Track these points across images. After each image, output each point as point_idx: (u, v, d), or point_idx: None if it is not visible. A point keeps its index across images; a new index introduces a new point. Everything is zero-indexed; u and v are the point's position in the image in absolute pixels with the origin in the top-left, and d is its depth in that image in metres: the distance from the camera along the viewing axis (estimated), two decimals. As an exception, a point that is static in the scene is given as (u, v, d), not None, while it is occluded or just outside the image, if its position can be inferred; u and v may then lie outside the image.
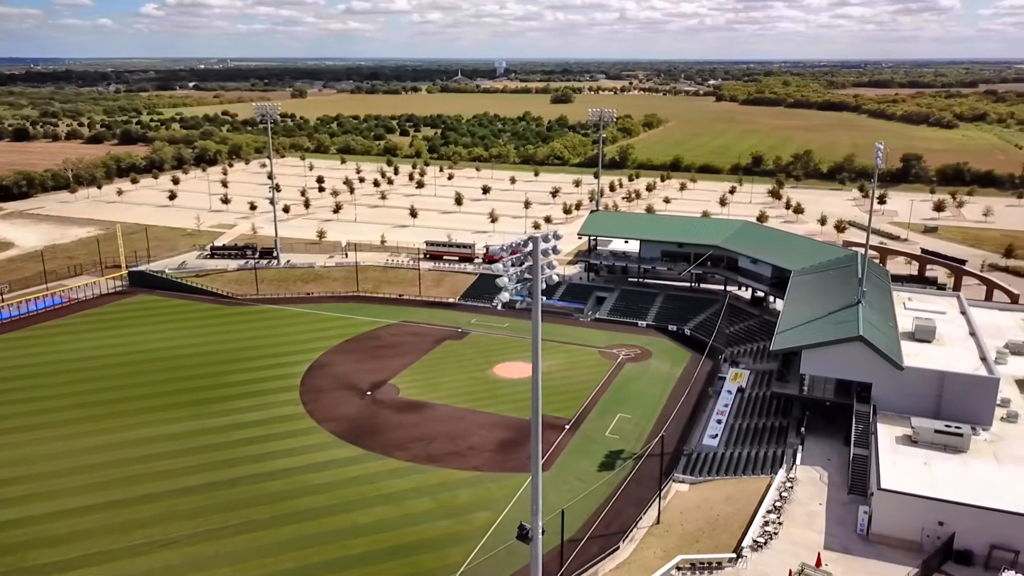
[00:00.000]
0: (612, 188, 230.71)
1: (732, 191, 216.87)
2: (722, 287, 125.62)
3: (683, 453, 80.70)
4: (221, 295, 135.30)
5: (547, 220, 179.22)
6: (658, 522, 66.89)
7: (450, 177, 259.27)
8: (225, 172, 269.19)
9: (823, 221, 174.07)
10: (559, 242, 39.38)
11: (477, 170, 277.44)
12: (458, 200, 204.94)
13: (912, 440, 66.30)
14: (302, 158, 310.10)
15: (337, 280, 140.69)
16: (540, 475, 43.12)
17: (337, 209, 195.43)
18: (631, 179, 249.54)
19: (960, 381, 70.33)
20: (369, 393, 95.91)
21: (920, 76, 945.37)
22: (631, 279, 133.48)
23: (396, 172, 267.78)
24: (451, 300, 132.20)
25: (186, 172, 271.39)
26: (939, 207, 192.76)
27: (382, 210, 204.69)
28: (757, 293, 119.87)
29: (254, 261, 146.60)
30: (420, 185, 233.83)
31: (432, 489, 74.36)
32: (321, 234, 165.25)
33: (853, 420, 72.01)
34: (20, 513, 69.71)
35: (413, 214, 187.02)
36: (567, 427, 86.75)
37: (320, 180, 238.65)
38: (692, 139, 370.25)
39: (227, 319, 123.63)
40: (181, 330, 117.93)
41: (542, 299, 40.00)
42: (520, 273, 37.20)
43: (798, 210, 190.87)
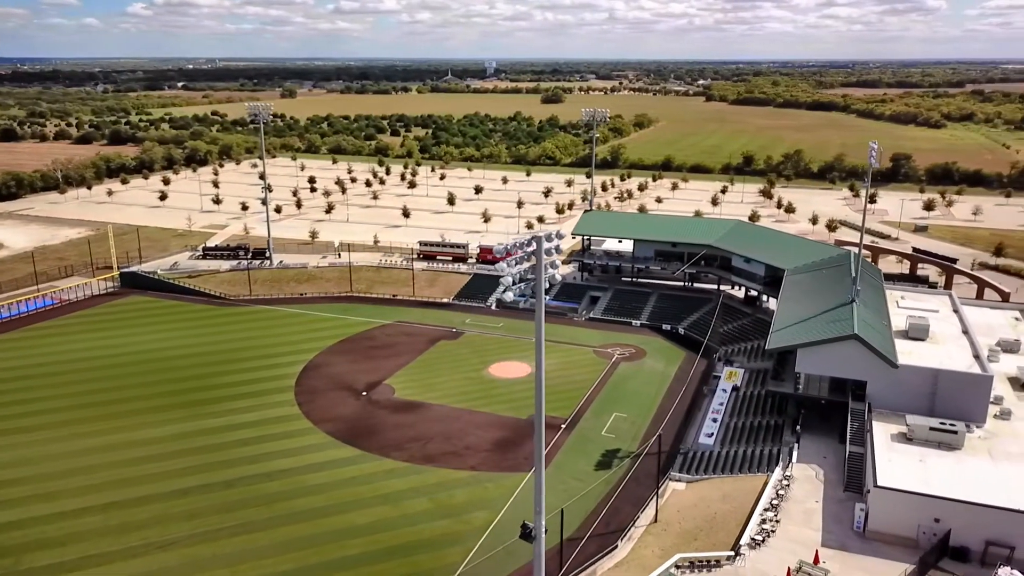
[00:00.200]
0: (604, 188, 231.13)
1: (724, 191, 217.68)
2: (715, 286, 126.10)
3: (679, 452, 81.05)
4: (214, 296, 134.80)
5: (540, 220, 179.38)
6: (656, 521, 67.12)
7: (442, 177, 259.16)
8: (216, 172, 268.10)
9: (814, 220, 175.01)
10: (560, 241, 39.40)
11: (469, 170, 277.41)
12: (450, 200, 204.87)
13: (907, 438, 66.82)
14: (293, 158, 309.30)
15: (330, 280, 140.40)
16: (543, 474, 43.19)
17: (329, 209, 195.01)
18: (623, 179, 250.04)
19: (954, 379, 70.97)
20: (364, 393, 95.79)
21: (908, 76, 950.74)
22: (624, 279, 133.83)
23: (388, 172, 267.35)
24: (445, 300, 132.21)
25: (176, 172, 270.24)
26: (929, 206, 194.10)
27: (374, 210, 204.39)
28: (750, 292, 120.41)
29: (247, 262, 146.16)
30: (412, 185, 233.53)
31: (429, 489, 74.38)
32: (314, 234, 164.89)
33: (848, 418, 72.48)
34: (17, 515, 69.29)
35: (406, 214, 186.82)
36: (563, 426, 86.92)
37: (312, 180, 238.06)
38: (683, 139, 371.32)
39: (220, 320, 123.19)
40: (174, 331, 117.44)
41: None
42: (523, 272, 37.26)
43: (789, 209, 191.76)
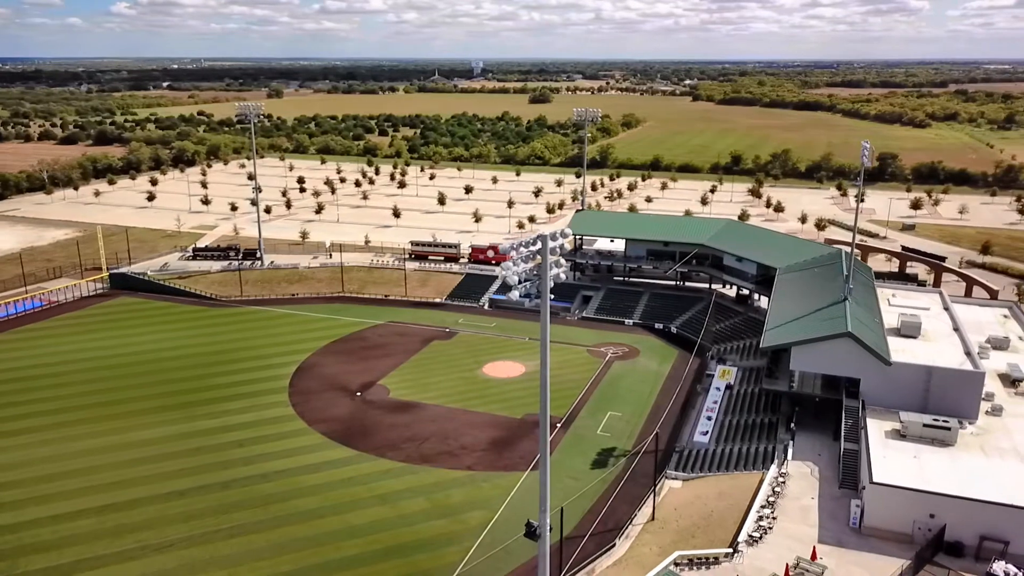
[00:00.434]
0: (594, 187, 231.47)
1: (713, 190, 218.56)
2: (706, 285, 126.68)
3: (675, 450, 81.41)
4: (205, 297, 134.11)
5: (531, 220, 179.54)
6: (653, 519, 67.37)
7: (431, 177, 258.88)
8: (204, 173, 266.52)
9: (803, 219, 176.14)
10: (565, 240, 39.49)
11: (459, 170, 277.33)
12: (441, 200, 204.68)
13: (901, 434, 67.38)
14: (281, 158, 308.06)
15: (322, 281, 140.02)
16: (548, 472, 43.30)
17: (319, 210, 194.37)
18: (612, 179, 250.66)
19: (946, 376, 71.60)
20: (359, 394, 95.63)
21: (891, 76, 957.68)
22: (616, 278, 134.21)
23: (377, 172, 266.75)
24: (438, 300, 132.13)
25: (164, 173, 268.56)
26: (916, 205, 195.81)
27: (364, 210, 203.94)
28: (742, 291, 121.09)
29: (237, 262, 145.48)
30: (402, 185, 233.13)
31: (426, 489, 74.36)
32: (304, 235, 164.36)
33: (843, 415, 73.08)
34: (10, 519, 68.70)
35: (396, 214, 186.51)
36: (558, 426, 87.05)
37: (301, 180, 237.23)
38: (671, 138, 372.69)
39: (212, 321, 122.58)
40: (166, 332, 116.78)
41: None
42: (528, 272, 37.32)
43: (778, 208, 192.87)
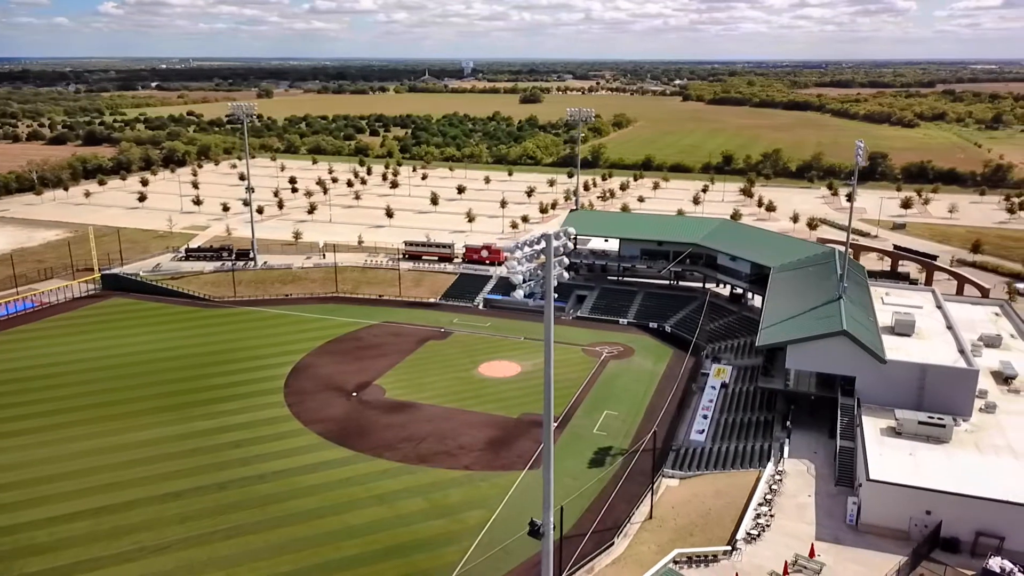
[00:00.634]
0: (586, 187, 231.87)
1: (705, 190, 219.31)
2: (700, 284, 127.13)
3: (671, 449, 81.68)
4: (198, 297, 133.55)
5: (524, 220, 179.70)
6: (651, 517, 67.60)
7: (424, 177, 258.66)
8: (195, 173, 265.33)
9: (795, 219, 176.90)
10: (569, 240, 39.58)
11: (451, 170, 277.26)
12: (433, 200, 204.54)
13: (896, 432, 67.92)
14: (273, 158, 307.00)
15: (315, 281, 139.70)
16: (552, 470, 43.49)
17: (312, 210, 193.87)
18: (604, 178, 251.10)
19: (941, 373, 72.19)
20: (355, 394, 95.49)
21: (880, 76, 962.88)
22: (610, 277, 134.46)
23: (369, 172, 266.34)
24: (432, 300, 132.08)
25: (154, 173, 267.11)
26: (906, 204, 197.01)
27: (357, 210, 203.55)
28: (735, 290, 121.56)
29: (231, 263, 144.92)
30: (394, 185, 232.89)
31: (424, 489, 74.32)
32: (297, 235, 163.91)
33: (838, 413, 73.52)
34: (6, 521, 68.27)
35: (389, 214, 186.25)
36: (555, 425, 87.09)
37: (292, 181, 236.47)
38: (662, 138, 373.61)
39: (206, 322, 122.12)
40: (159, 333, 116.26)
41: (522, 298, 40.08)
42: (533, 271, 37.44)
43: (770, 208, 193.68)
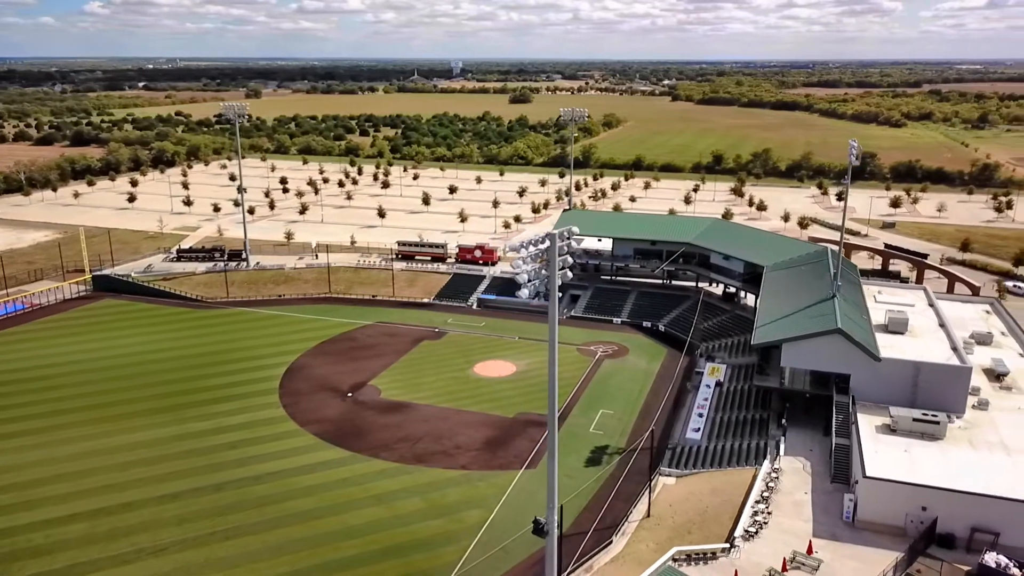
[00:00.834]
0: (578, 187, 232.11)
1: (696, 189, 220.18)
2: (693, 284, 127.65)
3: (667, 447, 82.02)
4: (191, 298, 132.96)
5: (516, 219, 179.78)
6: (648, 515, 67.90)
7: (415, 177, 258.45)
8: (184, 174, 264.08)
9: (786, 218, 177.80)
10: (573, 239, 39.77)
11: (442, 170, 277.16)
12: (425, 200, 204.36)
13: (891, 429, 68.45)
14: (263, 159, 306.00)
15: (308, 282, 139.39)
16: (556, 469, 43.60)
17: (303, 210, 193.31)
18: (595, 178, 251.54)
19: (934, 371, 72.84)
20: (350, 395, 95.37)
21: (866, 76, 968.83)
22: (604, 277, 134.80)
23: (360, 172, 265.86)
24: (426, 300, 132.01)
25: (144, 174, 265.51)
26: (895, 203, 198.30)
27: (349, 211, 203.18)
28: (728, 289, 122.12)
29: (223, 263, 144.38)
30: (386, 185, 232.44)
31: (421, 489, 74.33)
32: (289, 235, 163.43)
33: (833, 410, 74.06)
34: (1, 524, 67.84)
35: (381, 214, 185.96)
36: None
37: (283, 181, 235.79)
38: (652, 138, 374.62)
39: (199, 322, 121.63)
40: (152, 334, 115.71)
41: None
42: (538, 270, 37.58)
43: (761, 207, 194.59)
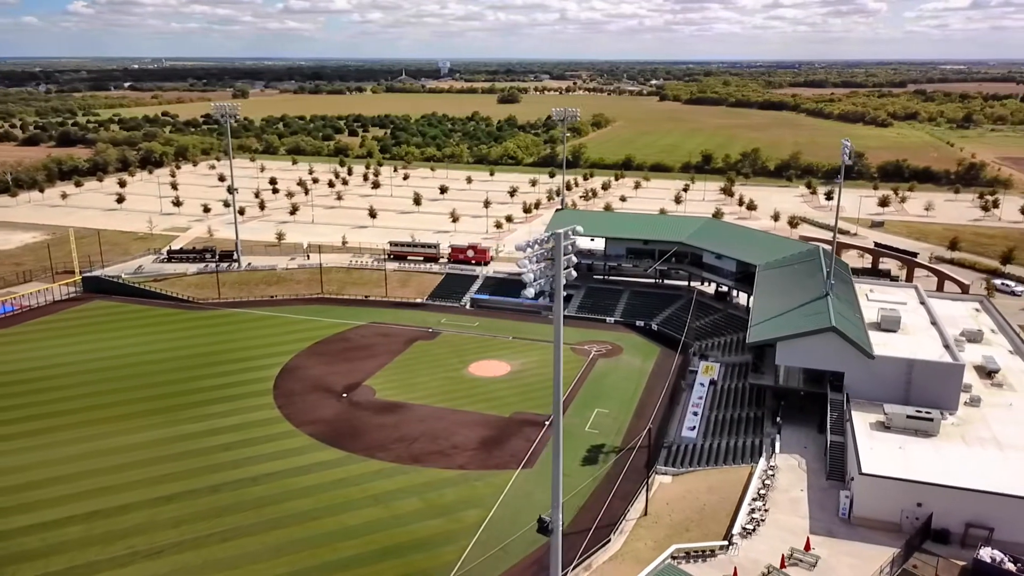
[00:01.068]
0: (568, 187, 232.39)
1: (686, 189, 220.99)
2: (685, 283, 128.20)
3: (663, 445, 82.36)
4: (182, 299, 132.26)
5: (508, 219, 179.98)
6: (646, 514, 68.10)
7: (405, 177, 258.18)
8: (173, 174, 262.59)
9: (776, 217, 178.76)
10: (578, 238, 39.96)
11: (432, 170, 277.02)
12: (416, 200, 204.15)
13: (885, 426, 69.02)
14: (251, 159, 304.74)
15: (300, 282, 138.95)
16: (561, 468, 43.71)
17: (294, 211, 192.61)
18: (585, 178, 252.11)
19: (928, 368, 73.48)
20: (345, 395, 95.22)
21: (852, 76, 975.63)
22: (596, 276, 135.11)
23: (350, 173, 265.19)
24: (419, 300, 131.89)
25: (132, 175, 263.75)
26: (884, 202, 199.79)
27: (339, 211, 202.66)
28: (720, 288, 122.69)
29: (214, 264, 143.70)
30: (376, 186, 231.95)
31: (419, 489, 74.39)
32: (280, 236, 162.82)
33: (828, 408, 74.57)
34: (-4, 527, 67.50)
35: (372, 214, 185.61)
36: (547, 424, 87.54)
37: (273, 181, 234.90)
38: (641, 138, 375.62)
39: (191, 324, 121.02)
40: (144, 336, 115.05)
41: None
42: (543, 270, 37.74)
43: (751, 207, 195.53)
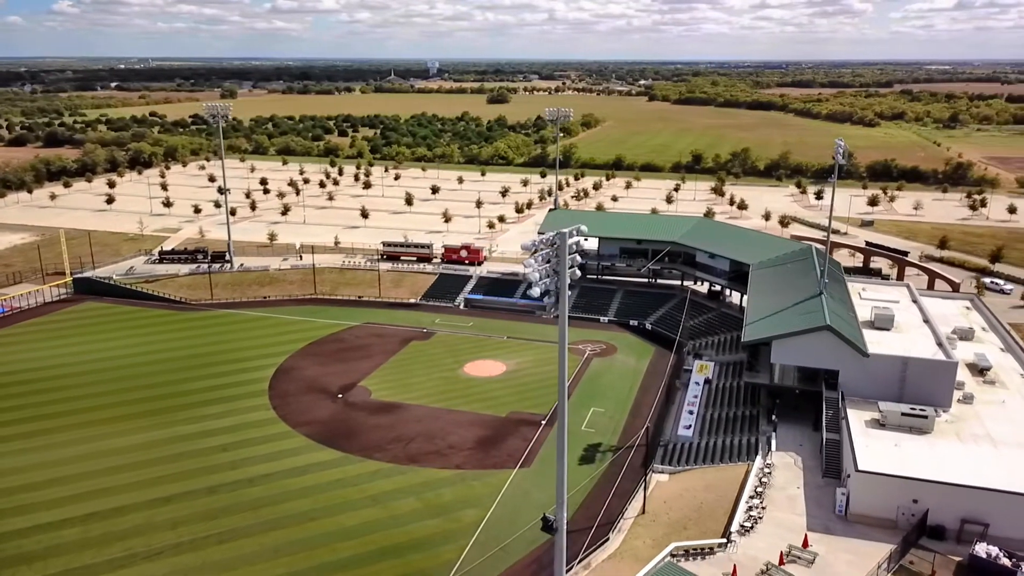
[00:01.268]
0: (560, 187, 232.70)
1: (677, 188, 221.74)
2: (678, 282, 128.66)
3: (659, 444, 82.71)
4: (174, 300, 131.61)
5: (501, 219, 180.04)
6: (644, 512, 68.39)
7: (396, 177, 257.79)
8: (163, 175, 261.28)
9: (767, 216, 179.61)
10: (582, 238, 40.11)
11: (423, 170, 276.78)
12: (408, 200, 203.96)
13: (880, 423, 69.62)
14: (241, 159, 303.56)
15: (293, 283, 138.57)
16: (565, 467, 43.91)
17: (285, 211, 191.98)
18: (576, 178, 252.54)
19: (922, 366, 74.12)
20: (340, 396, 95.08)
21: (839, 76, 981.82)
22: (589, 276, 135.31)
23: (340, 173, 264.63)
24: (412, 301, 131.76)
25: (121, 175, 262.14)
26: (873, 202, 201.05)
27: (331, 211, 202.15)
28: (714, 287, 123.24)
29: (206, 265, 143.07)
30: (367, 186, 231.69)
31: (416, 489, 74.41)
32: (272, 236, 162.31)
33: (823, 406, 75.08)
34: (-8, 530, 67.04)
35: (364, 215, 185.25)
36: (543, 423, 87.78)
37: (264, 182, 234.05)
38: (631, 138, 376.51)
39: (183, 325, 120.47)
40: (136, 337, 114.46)
41: (504, 298, 40.67)
42: (548, 270, 37.90)
43: (742, 206, 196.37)
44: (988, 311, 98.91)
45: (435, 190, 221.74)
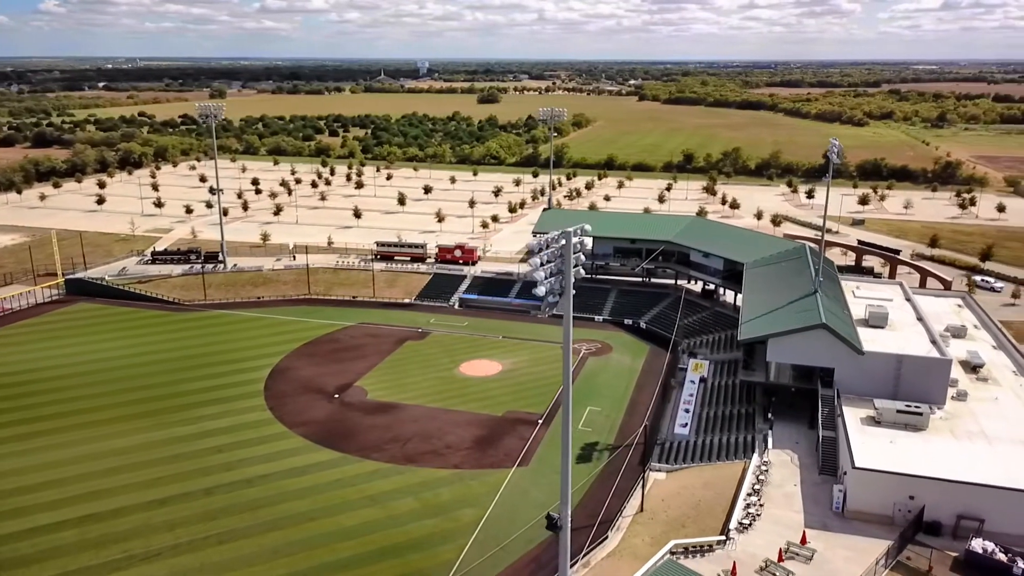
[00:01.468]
0: (552, 187, 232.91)
1: (669, 188, 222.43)
2: (672, 281, 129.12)
3: (656, 442, 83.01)
4: (168, 301, 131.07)
5: (494, 219, 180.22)
6: (642, 510, 68.62)
7: (388, 177, 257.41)
8: (153, 175, 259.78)
9: (759, 216, 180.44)
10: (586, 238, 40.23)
11: (415, 170, 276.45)
12: (401, 200, 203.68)
13: (876, 421, 70.12)
14: (232, 159, 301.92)
15: (287, 283, 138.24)
16: (569, 466, 44.05)
17: (277, 211, 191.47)
18: (569, 178, 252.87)
19: (916, 363, 74.72)
20: (336, 396, 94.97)
21: (828, 76, 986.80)
22: (584, 275, 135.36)
23: (332, 173, 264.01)
24: (407, 301, 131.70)
25: (111, 175, 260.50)
26: (863, 201, 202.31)
27: (323, 211, 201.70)
28: (708, 286, 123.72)
29: (199, 266, 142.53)
30: (359, 186, 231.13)
31: (414, 489, 74.44)
32: (265, 237, 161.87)
33: (819, 404, 75.62)
34: (-13, 533, 66.64)
35: (357, 215, 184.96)
36: (540, 422, 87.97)
37: (255, 182, 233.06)
38: (622, 137, 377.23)
39: (177, 326, 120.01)
40: (130, 338, 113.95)
41: (499, 297, 40.81)
42: (554, 269, 38.02)
43: (734, 205, 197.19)
44: (980, 309, 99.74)
45: (428, 190, 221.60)
